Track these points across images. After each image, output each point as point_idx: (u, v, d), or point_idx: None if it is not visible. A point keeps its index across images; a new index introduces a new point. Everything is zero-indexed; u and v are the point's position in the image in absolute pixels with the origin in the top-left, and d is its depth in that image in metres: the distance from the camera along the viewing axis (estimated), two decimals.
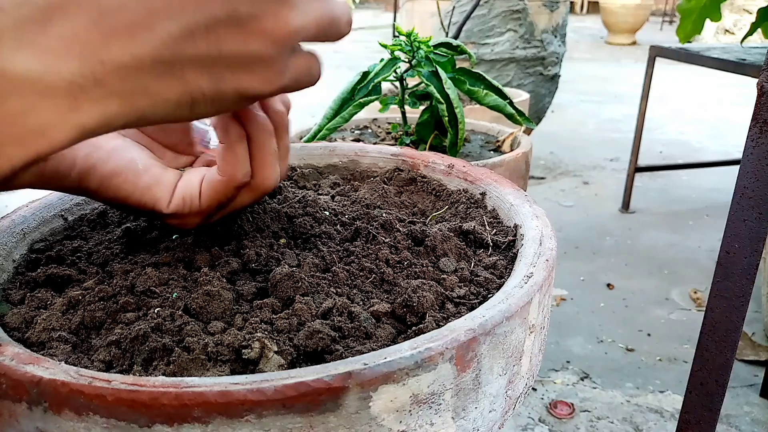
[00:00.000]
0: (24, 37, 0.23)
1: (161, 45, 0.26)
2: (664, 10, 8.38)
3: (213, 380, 0.26)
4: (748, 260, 0.58)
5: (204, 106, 0.29)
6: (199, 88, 0.28)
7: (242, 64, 0.29)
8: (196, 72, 0.28)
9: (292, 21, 0.29)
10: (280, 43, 0.29)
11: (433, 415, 0.29)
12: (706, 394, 0.63)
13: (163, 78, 0.27)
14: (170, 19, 0.26)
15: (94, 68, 0.25)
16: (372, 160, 0.58)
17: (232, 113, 0.36)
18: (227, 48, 0.28)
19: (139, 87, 0.26)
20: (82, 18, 0.24)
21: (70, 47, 0.24)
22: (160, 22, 0.26)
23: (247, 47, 0.28)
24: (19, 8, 0.24)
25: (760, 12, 1.22)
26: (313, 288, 0.36)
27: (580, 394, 1.24)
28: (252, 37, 0.28)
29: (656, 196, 2.40)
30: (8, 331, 0.33)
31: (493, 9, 2.23)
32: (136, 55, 0.26)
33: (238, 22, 0.28)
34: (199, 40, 0.27)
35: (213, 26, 0.27)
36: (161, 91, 0.27)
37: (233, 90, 0.29)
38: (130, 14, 0.25)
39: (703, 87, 4.50)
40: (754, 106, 0.57)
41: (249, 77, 0.29)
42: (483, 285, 0.38)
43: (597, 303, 1.60)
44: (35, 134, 0.24)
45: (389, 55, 0.84)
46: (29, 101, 0.24)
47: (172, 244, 0.40)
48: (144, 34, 0.26)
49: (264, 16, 0.28)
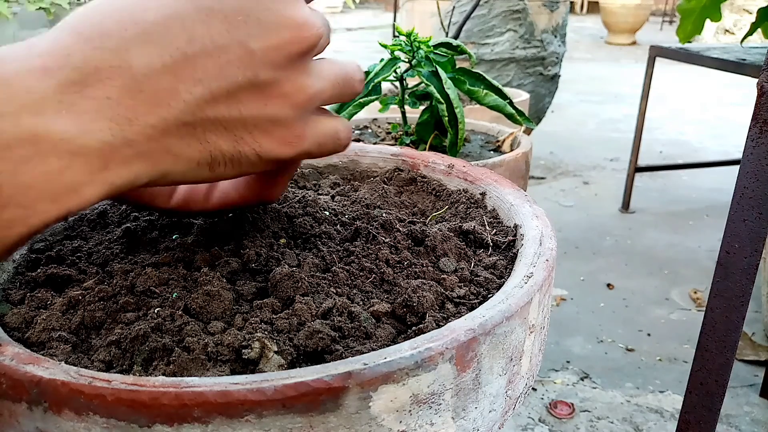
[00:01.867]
0: (64, 99, 0.25)
1: (186, 108, 0.27)
2: (664, 10, 8.38)
3: (213, 380, 0.26)
4: (748, 260, 0.58)
5: (224, 167, 0.30)
6: (219, 149, 0.30)
7: (261, 126, 0.30)
8: (216, 133, 0.29)
9: (309, 84, 0.30)
10: (299, 106, 0.31)
11: (433, 415, 0.29)
12: (706, 394, 0.63)
13: (186, 138, 0.28)
14: (195, 85, 0.27)
15: (124, 129, 0.26)
16: (372, 160, 0.58)
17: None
18: (246, 111, 0.29)
19: (164, 147, 0.28)
20: (116, 82, 0.26)
21: (104, 110, 0.26)
22: (186, 86, 0.27)
23: (265, 110, 0.30)
24: (60, 71, 0.25)
25: (760, 12, 1.22)
26: (313, 288, 0.36)
27: (580, 394, 1.24)
28: (271, 101, 0.30)
29: (656, 196, 2.40)
30: (8, 331, 0.33)
31: (493, 9, 2.23)
32: (162, 118, 0.27)
33: (258, 87, 0.29)
34: (221, 104, 0.28)
35: (234, 91, 0.28)
36: (184, 151, 0.29)
37: (252, 151, 0.31)
38: (159, 80, 0.27)
39: (703, 87, 4.50)
40: (754, 106, 0.57)
41: (268, 139, 0.31)
42: (483, 285, 0.38)
43: (597, 303, 1.60)
44: (68, 191, 0.26)
45: (389, 55, 0.84)
46: (65, 161, 0.25)
47: (172, 244, 0.40)
48: (170, 98, 0.27)
49: (283, 82, 0.30)
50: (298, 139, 0.32)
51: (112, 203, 0.49)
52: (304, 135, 0.32)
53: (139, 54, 0.26)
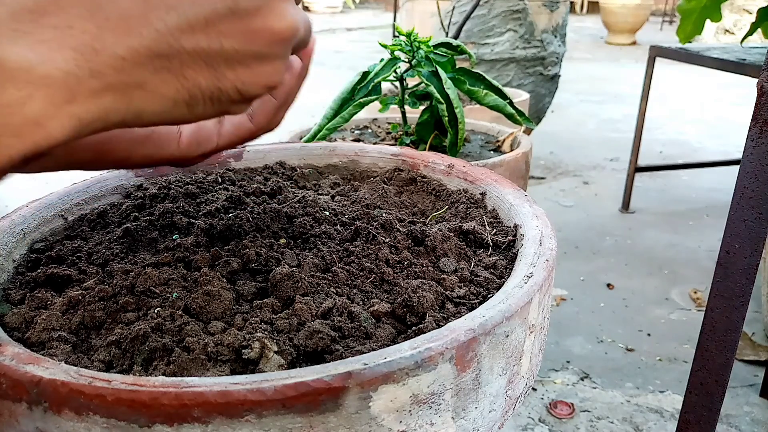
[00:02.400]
0: (20, 27, 0.23)
1: (158, 38, 0.26)
2: (664, 10, 8.38)
3: (213, 380, 0.26)
4: (748, 260, 0.58)
5: (203, 105, 0.28)
6: (198, 86, 0.28)
7: (244, 62, 0.28)
8: (195, 68, 0.27)
9: (294, 20, 0.29)
10: (283, 42, 0.29)
11: (433, 415, 0.29)
12: (706, 394, 0.63)
13: (161, 73, 0.26)
14: (168, 12, 0.25)
15: (90, 59, 0.24)
16: (372, 160, 0.58)
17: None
18: (229, 45, 0.27)
19: (136, 80, 0.26)
20: (77, 9, 0.24)
21: (65, 38, 0.24)
22: (158, 14, 0.25)
23: (249, 45, 0.28)
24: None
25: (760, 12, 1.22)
26: (313, 288, 0.36)
27: (580, 394, 1.24)
28: (255, 34, 0.28)
29: (656, 196, 2.40)
30: (8, 331, 0.33)
31: (493, 9, 2.23)
32: (132, 47, 0.25)
33: (240, 17, 0.27)
34: (199, 34, 0.26)
35: (213, 20, 0.26)
36: (158, 87, 0.27)
37: (234, 89, 0.29)
38: (126, 5, 0.25)
39: (703, 87, 4.50)
40: (754, 106, 0.57)
41: (249, 74, 0.29)
42: (483, 285, 0.38)
43: (597, 303, 1.60)
44: (32, 125, 0.24)
45: (389, 55, 0.84)
46: (25, 91, 0.23)
47: (172, 244, 0.40)
48: (140, 26, 0.25)
49: (267, 11, 0.28)
50: (277, 74, 0.30)
51: (112, 204, 0.49)
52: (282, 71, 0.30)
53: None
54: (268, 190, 0.50)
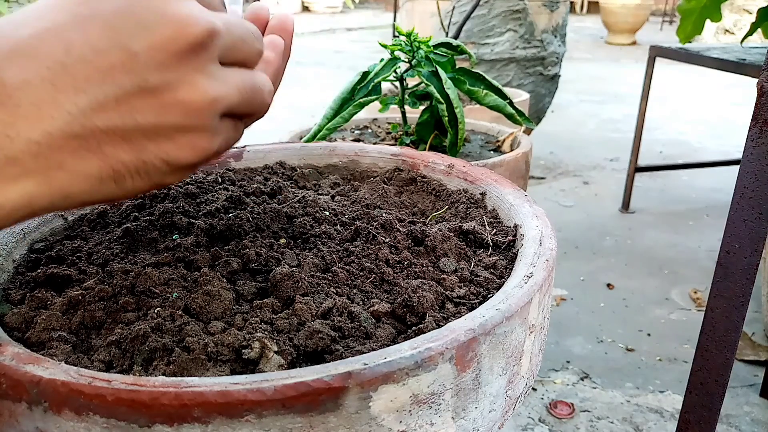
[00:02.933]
0: None
1: (71, 120, 0.26)
2: (664, 10, 8.38)
3: (213, 380, 0.26)
4: (748, 260, 0.58)
5: (132, 179, 0.29)
6: (120, 161, 0.28)
7: (163, 134, 0.29)
8: (113, 144, 0.28)
9: (209, 89, 0.29)
10: (202, 113, 0.29)
11: (433, 415, 0.29)
12: (706, 394, 0.63)
13: (79, 152, 0.27)
14: (77, 93, 0.26)
15: (5, 147, 0.25)
16: (372, 160, 0.58)
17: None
18: (143, 119, 0.28)
19: (54, 163, 0.26)
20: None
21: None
22: (67, 96, 0.26)
23: (164, 118, 0.28)
24: None
25: (760, 12, 1.22)
26: (313, 288, 0.36)
27: (580, 394, 1.24)
28: (168, 108, 0.28)
29: (656, 196, 2.40)
30: (8, 331, 0.33)
31: (493, 9, 2.23)
32: (45, 131, 0.26)
33: (150, 93, 0.27)
34: (111, 112, 0.27)
35: (123, 98, 0.27)
36: (79, 166, 0.27)
37: (159, 161, 0.29)
38: (37, 93, 0.25)
39: (703, 87, 4.50)
40: (754, 106, 0.57)
41: (175, 147, 0.29)
42: (483, 285, 0.38)
43: (597, 303, 1.60)
44: None
45: (389, 55, 0.84)
46: None
47: (172, 244, 0.40)
48: (51, 110, 0.26)
49: (178, 86, 0.28)
50: (207, 143, 0.30)
51: (112, 204, 0.49)
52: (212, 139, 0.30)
53: (12, 69, 0.25)
54: (268, 190, 0.50)
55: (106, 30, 0.26)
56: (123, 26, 0.27)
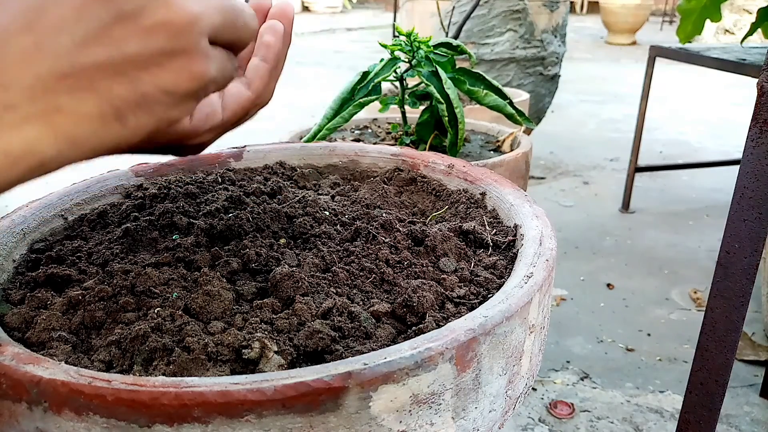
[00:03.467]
0: None
1: (56, 59, 0.26)
2: (664, 10, 8.38)
3: (213, 380, 0.26)
4: (748, 260, 0.58)
5: (134, 116, 0.29)
6: (118, 96, 0.28)
7: (154, 61, 0.28)
8: (106, 79, 0.28)
9: (188, 7, 0.28)
10: (185, 32, 0.29)
11: (433, 415, 0.29)
12: (706, 394, 0.63)
13: (74, 92, 0.27)
14: (58, 34, 0.26)
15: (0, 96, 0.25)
16: (372, 160, 0.58)
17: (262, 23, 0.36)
18: (128, 48, 0.28)
19: (52, 105, 0.27)
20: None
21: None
22: (47, 38, 0.26)
23: (150, 43, 0.28)
24: None
25: (760, 12, 1.22)
26: (313, 288, 0.36)
27: (580, 394, 1.24)
28: (151, 32, 0.28)
29: (656, 196, 2.40)
30: (8, 331, 0.33)
31: (493, 9, 2.23)
32: (36, 74, 0.26)
33: (128, 19, 0.27)
34: (95, 47, 0.27)
35: (103, 30, 0.27)
36: (77, 106, 0.27)
37: (158, 90, 0.29)
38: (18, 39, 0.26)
39: (703, 87, 4.50)
40: (754, 106, 0.57)
41: (169, 74, 0.29)
42: (483, 285, 0.38)
43: (597, 303, 1.60)
44: None
45: (389, 55, 0.84)
46: None
47: (172, 244, 0.40)
48: (36, 53, 0.26)
49: (155, 8, 0.28)
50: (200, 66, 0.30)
51: (112, 204, 0.49)
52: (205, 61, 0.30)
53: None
54: (268, 190, 0.50)
55: None
56: None
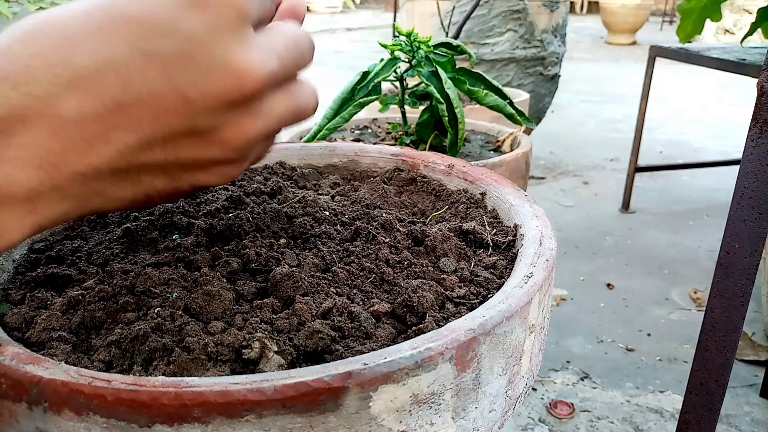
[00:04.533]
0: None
1: (118, 155, 0.27)
2: (664, 10, 8.38)
3: (213, 380, 0.26)
4: (748, 260, 0.58)
5: (158, 200, 0.31)
6: (155, 189, 0.30)
7: (198, 165, 0.30)
8: (152, 175, 0.29)
9: (253, 129, 0.30)
10: (239, 149, 0.30)
11: (433, 415, 0.29)
12: (706, 394, 0.63)
13: (119, 183, 0.28)
14: (127, 132, 0.27)
15: (52, 176, 0.26)
16: (372, 160, 0.58)
17: None
18: (184, 155, 0.29)
19: (95, 191, 0.28)
20: (43, 129, 0.25)
21: (31, 158, 0.25)
22: (117, 134, 0.26)
23: (204, 154, 0.29)
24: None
25: (760, 12, 1.22)
26: (313, 288, 0.36)
27: (580, 394, 1.24)
28: (210, 146, 0.29)
29: (656, 196, 2.40)
30: (8, 331, 0.33)
31: (493, 9, 2.23)
32: (92, 165, 0.27)
33: (196, 134, 0.28)
34: (157, 150, 0.28)
35: (171, 138, 0.28)
36: (116, 193, 0.29)
37: (188, 185, 0.31)
38: (89, 127, 0.26)
39: (703, 87, 4.50)
40: (754, 106, 0.57)
41: (206, 175, 0.30)
42: (483, 285, 0.38)
43: (597, 303, 1.60)
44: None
45: (389, 55, 0.84)
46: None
47: (172, 244, 0.40)
48: (101, 145, 0.26)
49: (224, 128, 0.29)
50: (236, 171, 0.32)
51: None
52: (241, 166, 0.32)
53: (69, 101, 0.25)
54: (268, 190, 0.50)
55: (164, 72, 0.26)
56: (181, 71, 0.27)
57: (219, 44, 0.27)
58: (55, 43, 0.25)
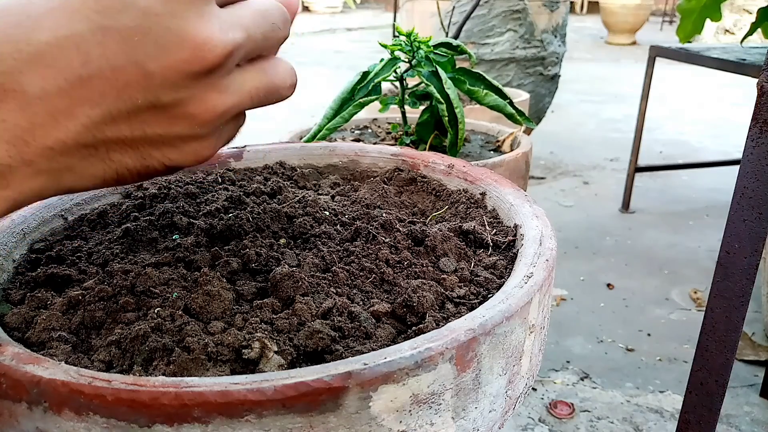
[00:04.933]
0: None
1: (83, 129, 0.27)
2: (664, 10, 8.38)
3: (213, 380, 0.26)
4: (748, 260, 0.58)
5: (131, 178, 0.31)
6: (125, 165, 0.30)
7: (168, 142, 0.30)
8: (121, 152, 0.29)
9: (220, 104, 0.30)
10: (207, 124, 0.30)
11: (433, 415, 0.29)
12: (706, 394, 0.63)
13: (88, 159, 0.29)
14: (91, 107, 0.27)
15: (21, 150, 0.26)
16: (372, 160, 0.58)
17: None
18: (151, 131, 0.29)
19: (65, 166, 0.28)
20: (10, 104, 0.26)
21: (0, 132, 0.26)
22: (83, 109, 0.27)
23: (171, 129, 0.29)
24: None
25: (760, 12, 1.22)
26: (313, 288, 0.36)
27: (580, 394, 1.24)
28: (177, 121, 0.29)
29: (656, 196, 2.40)
30: (8, 331, 0.33)
31: (493, 9, 2.23)
32: (59, 139, 0.27)
33: (161, 109, 0.29)
34: (122, 124, 0.28)
35: (135, 112, 0.28)
36: (86, 169, 0.29)
37: (160, 164, 0.31)
38: (54, 102, 0.26)
39: (703, 87, 4.50)
40: (754, 106, 0.57)
41: (176, 152, 0.31)
42: (483, 285, 0.38)
43: (597, 303, 1.60)
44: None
45: (389, 55, 0.84)
46: None
47: (172, 244, 0.40)
48: (66, 120, 0.27)
49: (189, 102, 0.29)
50: (207, 148, 0.32)
51: (112, 204, 0.49)
52: (213, 144, 0.32)
53: (32, 77, 0.26)
54: (268, 190, 0.50)
55: (123, 46, 0.27)
56: (140, 44, 0.27)
57: (177, 17, 0.27)
58: (18, 21, 0.26)
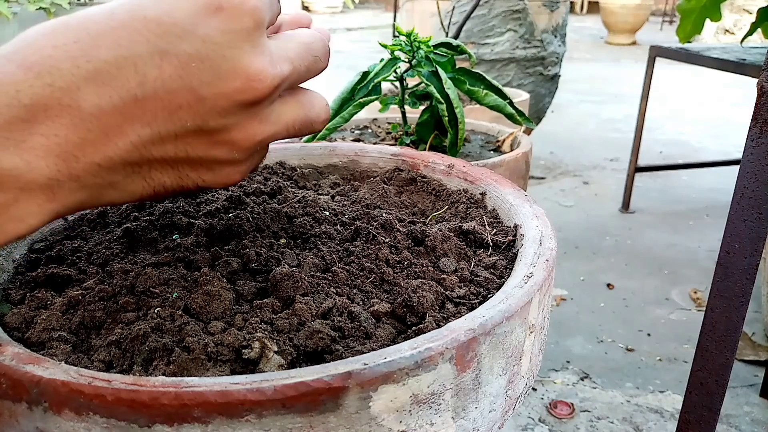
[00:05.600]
0: (11, 135, 0.25)
1: (132, 148, 0.28)
2: (664, 10, 8.38)
3: (213, 380, 0.26)
4: (748, 260, 0.58)
5: (164, 195, 0.32)
6: (162, 184, 0.31)
7: (205, 165, 0.31)
8: (161, 171, 0.31)
9: (260, 133, 0.31)
10: (245, 151, 0.32)
11: (433, 415, 0.29)
12: (706, 394, 0.63)
13: (130, 177, 0.30)
14: (142, 126, 0.28)
15: (70, 165, 0.27)
16: (372, 160, 0.58)
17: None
18: (194, 152, 0.30)
19: (109, 182, 0.29)
20: (64, 119, 0.26)
21: (51, 147, 0.26)
22: (133, 127, 0.28)
23: (211, 153, 0.31)
24: (8, 108, 0.25)
25: (760, 12, 1.22)
26: (313, 288, 0.36)
27: (580, 394, 1.24)
28: (218, 145, 0.31)
29: (656, 196, 2.40)
30: (8, 331, 0.33)
31: (493, 9, 2.23)
32: (107, 156, 0.28)
33: (207, 133, 0.30)
34: (168, 145, 0.29)
35: (183, 135, 0.29)
36: (128, 186, 0.30)
37: (194, 184, 0.32)
38: (107, 120, 0.27)
39: (703, 87, 4.50)
40: (754, 106, 0.57)
41: (211, 174, 0.32)
42: (483, 285, 0.38)
43: (597, 303, 1.60)
44: (15, 221, 0.27)
45: (389, 55, 0.84)
46: (12, 195, 0.26)
47: (172, 244, 0.40)
48: (118, 138, 0.28)
49: (232, 128, 0.30)
50: (237, 173, 0.33)
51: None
52: (243, 170, 0.33)
53: (89, 93, 0.26)
54: (268, 190, 0.50)
55: (180, 70, 0.28)
56: (197, 70, 0.28)
57: (233, 48, 0.28)
58: (78, 37, 0.27)
